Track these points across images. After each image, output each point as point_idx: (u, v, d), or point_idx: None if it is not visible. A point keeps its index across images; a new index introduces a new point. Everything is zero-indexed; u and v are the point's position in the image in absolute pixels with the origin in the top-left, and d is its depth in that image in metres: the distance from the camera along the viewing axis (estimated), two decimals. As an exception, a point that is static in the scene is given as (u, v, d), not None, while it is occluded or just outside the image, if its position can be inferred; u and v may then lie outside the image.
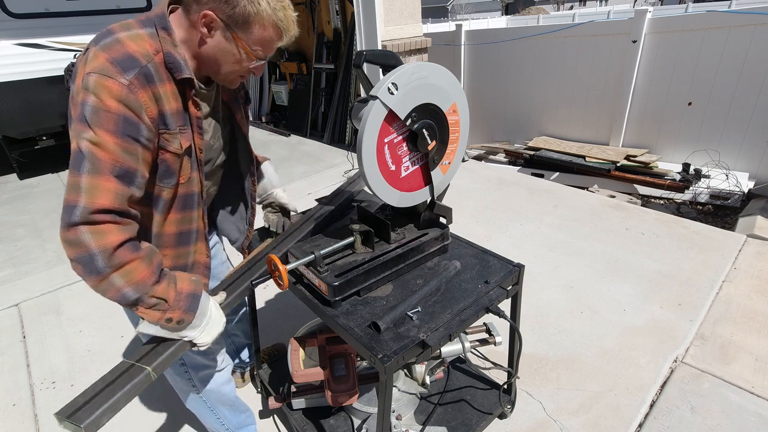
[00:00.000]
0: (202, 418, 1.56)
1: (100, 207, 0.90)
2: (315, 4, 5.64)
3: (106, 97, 0.90)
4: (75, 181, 0.90)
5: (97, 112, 0.90)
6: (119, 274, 0.93)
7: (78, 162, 0.90)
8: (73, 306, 2.66)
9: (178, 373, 1.39)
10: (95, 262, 0.90)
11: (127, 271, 0.94)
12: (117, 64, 0.92)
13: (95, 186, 0.90)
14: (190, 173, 1.12)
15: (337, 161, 4.82)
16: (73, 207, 0.89)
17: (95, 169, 0.90)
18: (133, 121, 0.93)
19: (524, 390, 1.90)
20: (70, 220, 0.88)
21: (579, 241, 3.02)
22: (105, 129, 0.90)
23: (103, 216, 0.90)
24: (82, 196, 0.89)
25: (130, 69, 0.93)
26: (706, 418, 1.73)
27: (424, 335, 1.11)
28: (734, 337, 2.12)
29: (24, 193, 4.51)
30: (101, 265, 0.91)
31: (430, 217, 1.43)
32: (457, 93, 1.28)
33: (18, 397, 2.04)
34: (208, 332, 1.11)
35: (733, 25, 4.16)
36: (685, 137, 4.76)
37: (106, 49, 0.93)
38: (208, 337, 1.11)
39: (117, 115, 0.91)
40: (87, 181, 0.89)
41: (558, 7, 34.07)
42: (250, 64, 1.09)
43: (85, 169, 0.90)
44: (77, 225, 0.89)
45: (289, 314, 2.46)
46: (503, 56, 5.95)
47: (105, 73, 0.90)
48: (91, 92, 0.90)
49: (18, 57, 4.43)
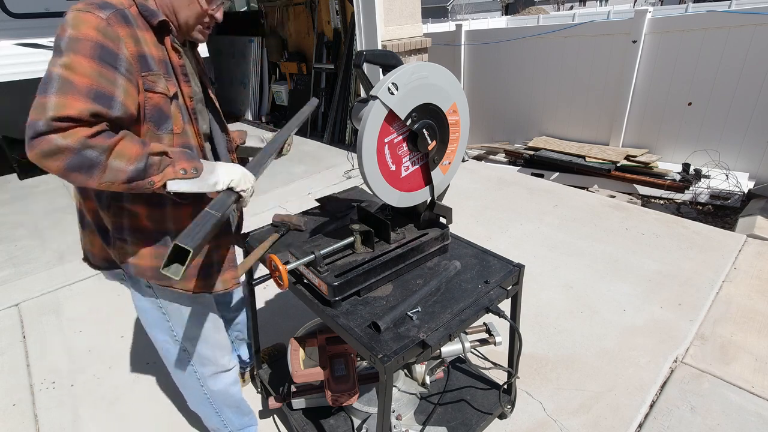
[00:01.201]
0: (205, 420, 1.57)
1: (65, 115, 0.85)
2: (315, 4, 5.65)
3: (84, 27, 0.91)
4: (41, 101, 0.85)
5: (74, 40, 0.90)
6: (113, 157, 0.91)
7: (45, 84, 0.87)
8: (73, 306, 2.66)
9: (187, 371, 1.41)
10: (86, 156, 0.87)
11: (119, 152, 0.91)
12: (95, 4, 0.95)
13: (62, 104, 0.85)
14: (183, 124, 1.11)
15: (337, 161, 4.82)
16: (37, 121, 0.84)
17: (64, 89, 0.86)
18: (110, 49, 0.93)
19: (524, 390, 1.90)
20: (36, 131, 0.83)
21: (579, 241, 3.02)
22: (81, 54, 0.89)
23: (69, 123, 0.86)
24: (47, 112, 0.84)
25: (108, 8, 0.95)
26: (706, 418, 1.73)
27: (424, 335, 1.11)
28: (734, 337, 2.12)
29: (24, 193, 4.51)
30: (94, 155, 0.88)
31: (430, 217, 1.43)
32: (457, 93, 1.28)
33: (18, 397, 2.04)
34: (229, 173, 1.07)
35: (733, 25, 4.15)
36: (685, 137, 4.76)
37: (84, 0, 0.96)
38: (235, 175, 1.07)
39: (94, 42, 0.91)
40: (54, 100, 0.85)
41: (558, 7, 34.06)
42: (206, 7, 1.11)
43: (53, 90, 0.86)
44: (45, 134, 0.84)
45: (289, 314, 2.46)
46: (503, 56, 5.95)
47: (83, 9, 0.93)
48: (69, 25, 0.91)
49: (18, 57, 4.44)
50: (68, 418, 1.92)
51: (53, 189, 4.56)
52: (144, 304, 1.29)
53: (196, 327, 1.35)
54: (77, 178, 0.90)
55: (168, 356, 1.39)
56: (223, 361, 1.45)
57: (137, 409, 1.95)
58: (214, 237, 1.16)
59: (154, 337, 1.37)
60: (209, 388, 1.45)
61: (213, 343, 1.41)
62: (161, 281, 1.20)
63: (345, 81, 5.36)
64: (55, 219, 3.83)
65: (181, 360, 1.39)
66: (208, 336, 1.39)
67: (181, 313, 1.31)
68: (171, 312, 1.30)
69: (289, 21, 6.26)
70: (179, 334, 1.33)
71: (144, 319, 1.34)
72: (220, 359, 1.44)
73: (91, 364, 2.21)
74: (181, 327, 1.33)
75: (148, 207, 1.11)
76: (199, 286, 1.24)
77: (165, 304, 1.28)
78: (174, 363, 1.40)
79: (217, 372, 1.45)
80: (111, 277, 1.30)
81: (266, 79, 6.72)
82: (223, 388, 1.48)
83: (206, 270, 1.25)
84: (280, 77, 6.77)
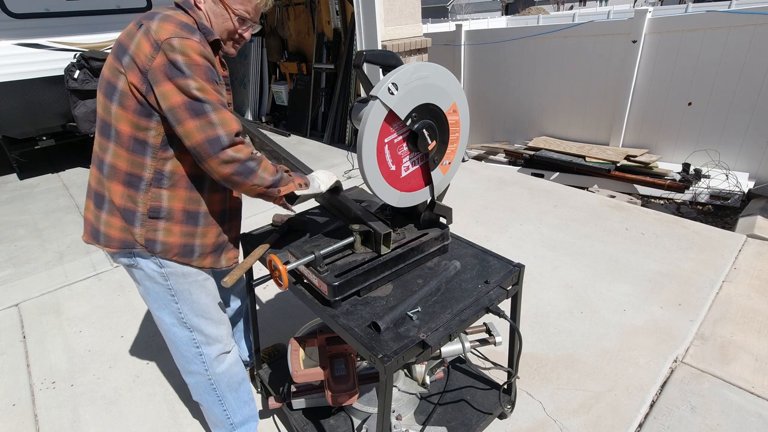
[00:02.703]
0: (208, 411, 1.59)
1: (236, 130, 1.13)
2: (315, 4, 5.65)
3: (193, 53, 1.09)
4: (205, 120, 1.10)
5: (190, 66, 1.09)
6: (262, 169, 1.19)
7: (198, 107, 1.09)
8: (73, 306, 2.66)
9: (193, 354, 1.45)
10: (249, 166, 1.16)
11: (265, 167, 1.20)
12: (185, 28, 1.11)
13: (223, 118, 1.12)
14: None
15: (337, 161, 4.82)
16: (218, 137, 1.10)
17: (215, 107, 1.11)
18: (212, 68, 1.15)
19: (524, 390, 1.90)
20: (222, 146, 1.11)
21: (579, 241, 3.02)
22: (203, 78, 1.10)
23: (238, 138, 1.14)
24: (220, 128, 1.11)
25: (194, 31, 1.13)
26: (706, 418, 1.73)
27: (424, 335, 1.11)
28: (734, 337, 2.12)
29: (24, 193, 4.51)
30: (253, 165, 1.17)
31: (430, 217, 1.43)
32: (457, 93, 1.28)
33: (18, 397, 2.04)
34: (324, 179, 1.42)
35: (733, 25, 4.15)
36: (685, 137, 4.76)
37: (166, 21, 1.11)
38: (328, 179, 1.43)
39: (204, 66, 1.11)
40: (216, 117, 1.11)
41: (558, 7, 34.06)
42: (237, 26, 1.27)
43: (209, 110, 1.10)
44: (226, 148, 1.12)
45: (289, 314, 2.46)
46: (503, 56, 5.95)
47: (182, 36, 1.09)
48: (178, 52, 1.08)
49: (18, 57, 4.43)
50: (68, 418, 1.92)
51: (53, 189, 4.56)
52: (152, 285, 1.34)
53: (203, 306, 1.41)
54: (236, 180, 1.16)
55: (174, 339, 1.43)
56: (227, 339, 1.51)
57: (137, 409, 1.95)
58: (228, 219, 1.41)
59: (162, 319, 1.40)
60: (213, 370, 1.48)
61: (218, 321, 1.47)
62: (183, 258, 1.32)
63: (345, 81, 5.36)
64: (55, 219, 3.83)
65: (187, 343, 1.43)
66: (214, 315, 1.45)
67: (190, 293, 1.37)
68: (180, 292, 1.36)
69: (289, 21, 6.26)
70: (186, 315, 1.39)
71: (151, 302, 1.39)
72: (225, 338, 1.50)
73: (91, 364, 2.21)
74: (189, 307, 1.38)
75: (188, 191, 1.27)
76: (210, 263, 1.39)
77: (174, 284, 1.34)
78: (180, 346, 1.44)
79: (222, 353, 1.49)
80: (120, 257, 1.32)
81: (266, 79, 6.72)
82: (227, 368, 1.52)
83: (218, 249, 1.40)
84: (280, 77, 6.76)
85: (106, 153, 1.22)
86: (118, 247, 1.28)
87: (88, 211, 1.32)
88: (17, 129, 4.64)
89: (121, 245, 1.28)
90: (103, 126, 1.21)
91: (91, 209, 1.31)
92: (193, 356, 1.45)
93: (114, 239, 1.27)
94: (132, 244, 1.27)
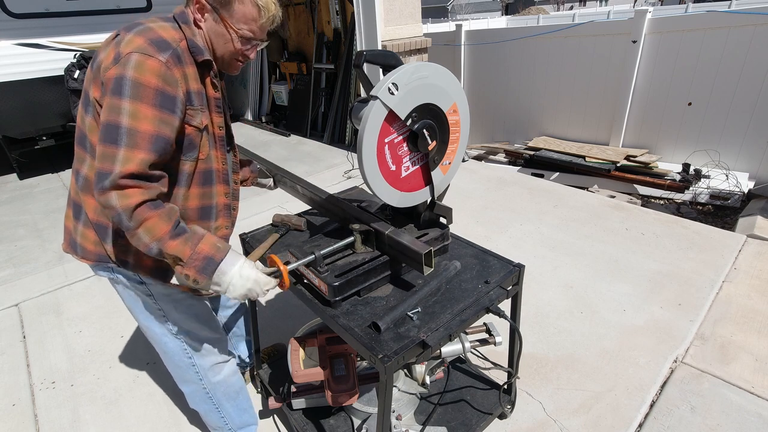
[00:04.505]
0: (205, 417, 1.58)
1: (127, 172, 0.97)
2: (315, 4, 5.65)
3: (147, 73, 0.99)
4: (111, 152, 0.97)
5: (137, 86, 0.98)
6: (143, 230, 1.01)
7: (114, 134, 0.97)
8: (73, 306, 2.66)
9: (186, 364, 1.42)
10: (123, 220, 0.99)
11: (148, 228, 1.01)
12: (154, 45, 1.02)
13: (129, 158, 0.97)
14: (208, 151, 1.22)
15: (337, 161, 4.82)
16: (107, 174, 0.96)
17: (133, 142, 0.98)
18: (170, 95, 1.03)
19: (524, 390, 1.90)
20: (103, 186, 0.96)
21: (579, 241, 3.02)
22: (145, 102, 0.99)
23: (129, 181, 0.98)
24: (116, 165, 0.96)
25: (166, 50, 1.03)
26: (706, 418, 1.73)
27: (424, 335, 1.11)
28: (734, 337, 2.12)
29: (24, 193, 4.51)
30: (127, 223, 0.99)
31: (431, 217, 1.43)
32: (457, 93, 1.28)
33: (18, 397, 2.04)
34: (231, 292, 1.13)
35: (733, 25, 4.15)
36: (685, 137, 4.76)
37: (141, 34, 1.03)
38: (232, 294, 1.13)
39: (156, 90, 1.00)
40: (123, 153, 0.97)
41: (558, 7, 34.06)
42: (240, 46, 1.18)
43: (122, 142, 0.97)
44: (108, 190, 0.97)
45: (289, 314, 2.46)
46: (503, 56, 5.95)
47: (145, 52, 1.00)
48: (131, 68, 0.98)
49: (18, 57, 4.43)
50: (68, 418, 1.92)
51: (53, 189, 4.56)
52: (136, 298, 1.31)
53: (190, 317, 1.37)
54: (116, 227, 1.08)
55: (166, 350, 1.40)
56: (221, 351, 1.48)
57: (137, 409, 1.95)
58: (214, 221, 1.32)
59: (151, 330, 1.37)
60: (209, 380, 1.46)
61: (209, 332, 1.43)
62: (158, 279, 1.26)
63: (345, 81, 5.36)
64: (55, 219, 3.83)
65: (179, 353, 1.40)
66: (203, 326, 1.41)
67: (174, 305, 1.33)
68: (166, 305, 1.32)
69: (289, 21, 6.26)
70: (175, 327, 1.36)
71: (137, 314, 1.36)
72: (219, 349, 1.47)
73: (91, 364, 2.21)
74: (176, 318, 1.35)
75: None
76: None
77: (158, 298, 1.31)
78: (172, 357, 1.41)
79: (216, 363, 1.47)
80: (99, 270, 1.30)
81: (266, 79, 6.73)
82: (223, 378, 1.50)
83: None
84: (280, 77, 6.77)
85: (82, 165, 1.17)
86: (94, 260, 1.25)
87: (68, 219, 1.28)
88: (17, 129, 4.64)
89: (96, 258, 1.24)
90: (81, 137, 1.16)
91: (70, 218, 1.27)
92: (186, 366, 1.43)
93: (90, 252, 1.24)
94: (106, 258, 1.23)
